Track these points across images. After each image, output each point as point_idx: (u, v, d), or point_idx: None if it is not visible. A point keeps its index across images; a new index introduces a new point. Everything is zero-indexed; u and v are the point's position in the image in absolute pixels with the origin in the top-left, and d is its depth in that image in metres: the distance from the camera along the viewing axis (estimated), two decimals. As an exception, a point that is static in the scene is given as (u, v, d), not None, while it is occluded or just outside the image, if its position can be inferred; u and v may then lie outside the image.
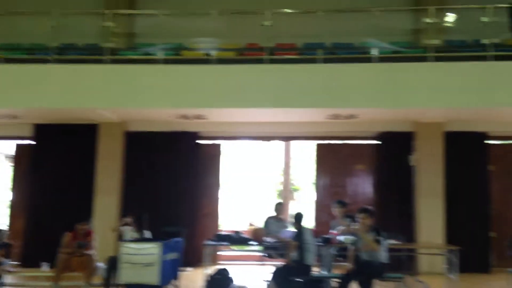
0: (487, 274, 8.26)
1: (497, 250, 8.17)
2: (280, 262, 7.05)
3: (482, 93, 7.08)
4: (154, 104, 7.57)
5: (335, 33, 8.57)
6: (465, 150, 8.65)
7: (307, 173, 13.27)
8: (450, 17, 8.74)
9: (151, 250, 5.94)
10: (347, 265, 6.27)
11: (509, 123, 8.57)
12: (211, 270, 7.00)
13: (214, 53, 7.70)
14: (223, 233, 7.56)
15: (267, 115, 8.52)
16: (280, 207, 8.12)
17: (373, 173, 9.13)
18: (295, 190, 14.03)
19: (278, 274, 6.42)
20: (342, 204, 7.57)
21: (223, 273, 6.82)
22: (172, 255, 6.24)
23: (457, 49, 7.81)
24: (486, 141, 8.76)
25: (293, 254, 6.49)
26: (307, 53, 7.95)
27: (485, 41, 7.33)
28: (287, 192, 11.49)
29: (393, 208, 8.80)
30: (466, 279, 7.35)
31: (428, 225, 8.53)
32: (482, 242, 8.44)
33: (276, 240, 7.08)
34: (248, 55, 7.96)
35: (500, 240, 7.89)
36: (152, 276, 5.86)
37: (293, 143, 10.94)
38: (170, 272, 6.16)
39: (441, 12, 8.22)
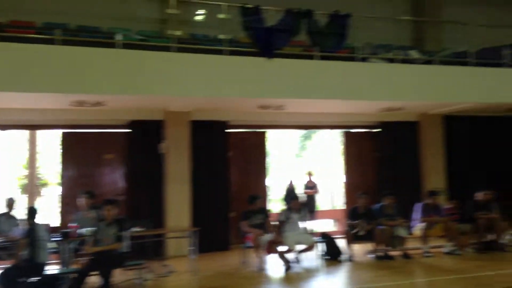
0: (227, 251, 9.03)
1: (235, 228, 9.00)
2: (10, 263, 6.31)
3: (217, 85, 7.55)
4: None
5: (82, 16, 8.16)
6: (209, 138, 9.25)
7: (56, 165, 12.32)
8: (195, 11, 9.22)
9: None
10: (85, 258, 6.02)
11: (245, 113, 9.53)
12: None
13: None
14: None
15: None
16: (11, 203, 7.28)
17: (124, 162, 9.00)
18: (43, 184, 12.87)
19: (6, 276, 5.77)
20: (90, 194, 7.31)
21: None
22: None
23: (200, 42, 8.24)
24: (226, 130, 9.52)
25: (24, 253, 5.91)
26: (46, 33, 7.25)
27: (222, 36, 7.91)
28: (32, 186, 10.45)
29: (144, 196, 8.89)
30: (206, 258, 7.89)
31: (176, 210, 8.86)
32: (223, 222, 9.22)
33: (5, 239, 6.32)
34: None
35: (238, 219, 8.68)
36: None
37: (39, 132, 10.01)
38: None
39: (184, 5, 8.56)
